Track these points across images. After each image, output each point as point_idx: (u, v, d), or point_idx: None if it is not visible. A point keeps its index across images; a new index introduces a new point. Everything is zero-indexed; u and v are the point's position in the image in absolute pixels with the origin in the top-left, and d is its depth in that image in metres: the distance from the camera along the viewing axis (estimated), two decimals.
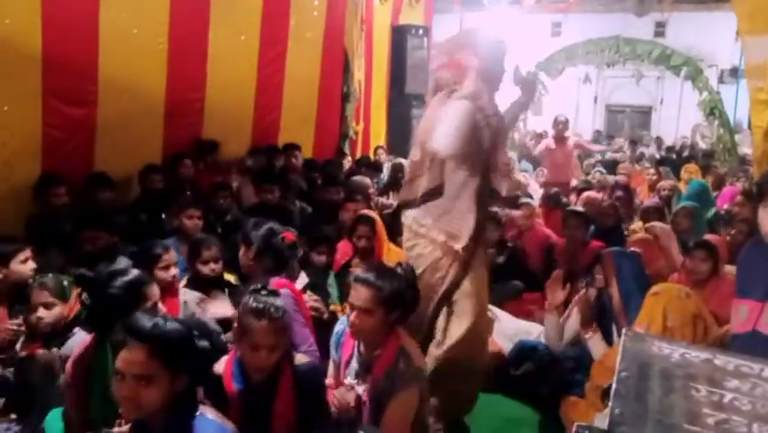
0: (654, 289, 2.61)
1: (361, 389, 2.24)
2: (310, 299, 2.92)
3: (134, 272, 2.19)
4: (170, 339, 1.65)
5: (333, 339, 2.47)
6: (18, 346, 2.61)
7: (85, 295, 2.14)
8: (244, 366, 2.06)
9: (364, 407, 2.21)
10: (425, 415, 2.29)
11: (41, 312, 2.50)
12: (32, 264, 2.95)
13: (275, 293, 2.11)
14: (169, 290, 2.71)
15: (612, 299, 3.04)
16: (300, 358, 2.13)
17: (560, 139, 7.20)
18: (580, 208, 4.78)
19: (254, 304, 2.02)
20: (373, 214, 3.89)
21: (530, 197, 5.73)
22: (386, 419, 2.14)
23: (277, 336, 2.00)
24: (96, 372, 2.08)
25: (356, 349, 2.32)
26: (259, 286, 2.12)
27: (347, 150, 7.42)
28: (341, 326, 2.46)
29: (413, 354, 2.23)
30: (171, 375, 1.64)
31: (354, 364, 2.31)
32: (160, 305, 2.19)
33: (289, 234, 2.73)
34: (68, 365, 2.14)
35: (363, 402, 2.22)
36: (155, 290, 2.18)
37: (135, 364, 1.61)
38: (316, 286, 3.28)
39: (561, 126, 7.16)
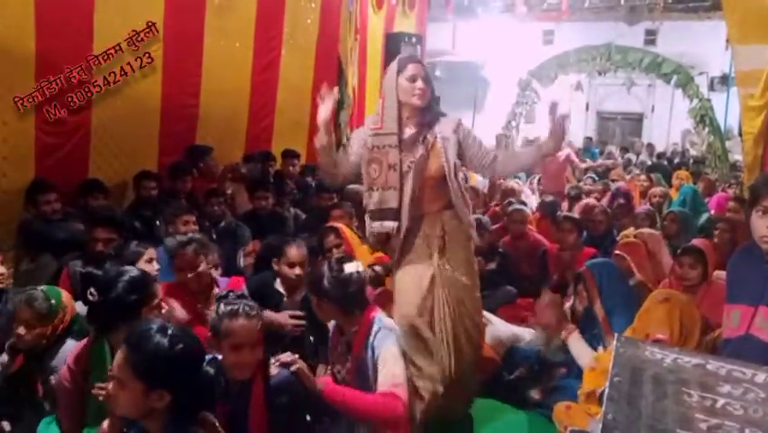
0: (661, 295, 2.59)
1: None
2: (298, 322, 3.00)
3: (141, 271, 2.22)
4: (145, 351, 1.56)
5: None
6: (5, 358, 2.59)
7: (91, 292, 2.12)
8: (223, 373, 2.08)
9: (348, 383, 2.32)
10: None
11: (21, 330, 2.44)
12: (1, 269, 2.95)
13: (243, 296, 2.19)
14: None
15: (597, 314, 3.03)
16: (274, 369, 2.11)
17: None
18: (574, 214, 4.80)
19: (226, 307, 2.05)
20: (337, 223, 3.89)
21: (523, 203, 5.75)
22: (382, 380, 2.20)
23: (256, 333, 2.04)
24: (93, 371, 2.07)
25: (338, 334, 2.49)
26: (224, 293, 2.19)
27: None
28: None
29: (384, 319, 2.40)
30: (145, 388, 1.55)
31: (339, 349, 2.48)
32: (163, 303, 2.20)
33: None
34: (65, 366, 2.13)
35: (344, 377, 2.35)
36: (159, 289, 2.21)
37: (115, 365, 1.60)
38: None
39: None
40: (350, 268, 2.38)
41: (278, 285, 3.18)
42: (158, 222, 4.19)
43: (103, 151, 4.41)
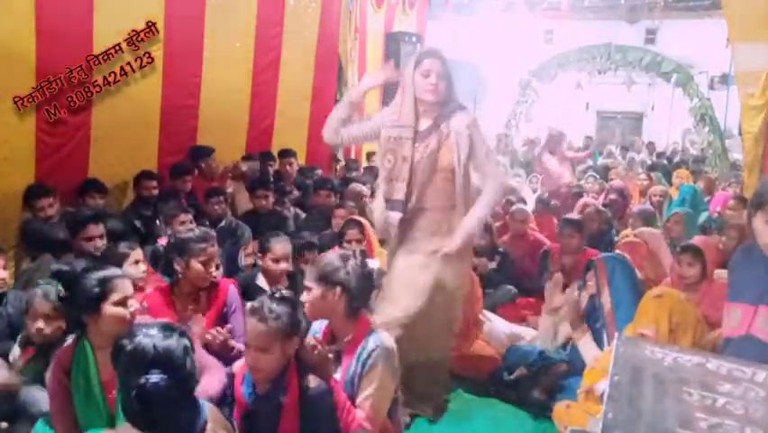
0: (656, 291, 2.61)
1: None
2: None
3: (109, 268, 2.19)
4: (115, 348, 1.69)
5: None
6: (17, 351, 2.61)
7: (60, 289, 2.11)
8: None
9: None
10: (396, 399, 2.32)
11: (40, 323, 2.49)
12: (3, 273, 2.96)
13: (286, 301, 2.05)
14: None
15: (604, 305, 3.05)
16: (313, 380, 2.05)
17: (554, 151, 7.25)
18: (575, 216, 4.79)
19: (254, 304, 2.03)
20: (361, 218, 3.92)
21: (524, 202, 5.75)
22: (359, 402, 2.14)
23: (265, 339, 1.96)
24: (76, 372, 2.05)
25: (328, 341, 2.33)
26: (275, 291, 2.10)
27: (341, 156, 7.44)
28: (317, 325, 2.45)
29: (384, 336, 2.26)
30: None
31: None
32: (133, 301, 2.15)
33: None
34: (50, 369, 2.11)
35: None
36: (126, 285, 2.14)
37: None
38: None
39: (554, 140, 7.22)
40: (372, 264, 2.32)
41: (261, 281, 3.21)
42: (158, 222, 4.20)
43: (103, 151, 4.40)
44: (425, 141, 2.73)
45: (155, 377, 1.60)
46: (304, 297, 2.26)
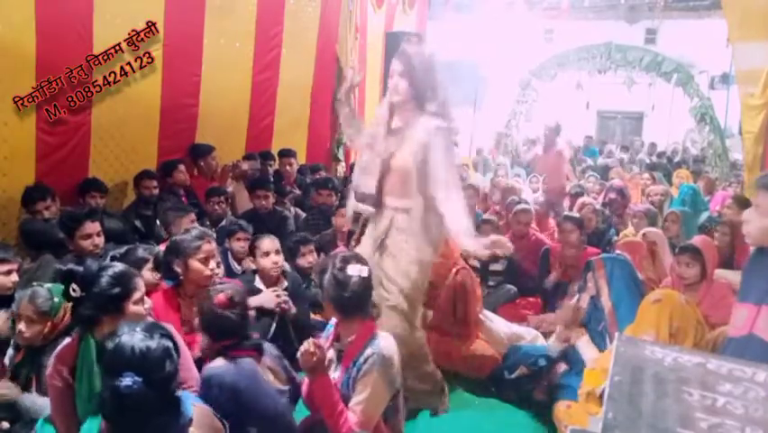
0: (655, 296, 2.60)
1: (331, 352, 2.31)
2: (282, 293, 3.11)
3: (122, 265, 2.20)
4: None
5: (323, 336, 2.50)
6: (11, 352, 2.61)
7: (74, 288, 2.09)
8: None
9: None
10: (395, 406, 2.32)
11: (22, 326, 2.47)
12: (14, 277, 2.94)
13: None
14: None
15: (604, 306, 3.04)
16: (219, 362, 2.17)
17: (549, 146, 7.17)
18: (574, 214, 4.80)
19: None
20: None
21: (526, 202, 5.75)
22: (352, 406, 2.15)
23: None
24: (80, 369, 2.05)
25: (334, 338, 2.37)
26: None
27: (341, 156, 7.44)
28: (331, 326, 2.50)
29: (383, 344, 2.23)
30: None
31: (332, 353, 2.33)
32: (146, 298, 2.17)
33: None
34: (51, 367, 2.11)
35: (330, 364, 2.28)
36: (142, 284, 2.17)
37: None
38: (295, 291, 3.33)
39: (548, 133, 7.14)
40: (353, 270, 2.24)
41: (258, 282, 3.25)
42: (158, 221, 4.20)
43: (103, 151, 4.40)
44: (391, 139, 2.81)
45: (128, 380, 1.57)
46: None
